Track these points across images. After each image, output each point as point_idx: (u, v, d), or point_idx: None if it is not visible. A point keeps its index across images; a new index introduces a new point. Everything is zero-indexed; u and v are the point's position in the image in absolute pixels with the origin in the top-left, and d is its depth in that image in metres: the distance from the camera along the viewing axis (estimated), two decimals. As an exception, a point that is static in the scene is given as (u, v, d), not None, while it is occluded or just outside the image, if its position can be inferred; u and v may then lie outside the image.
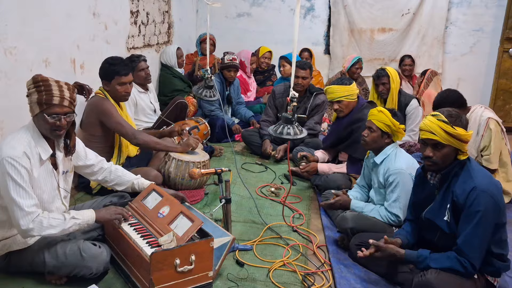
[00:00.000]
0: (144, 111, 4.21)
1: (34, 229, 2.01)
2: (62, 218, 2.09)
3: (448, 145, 2.09)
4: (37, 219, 2.02)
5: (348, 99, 3.42)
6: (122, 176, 2.59)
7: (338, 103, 3.44)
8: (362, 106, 3.47)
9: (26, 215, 2.00)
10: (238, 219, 3.03)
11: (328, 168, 3.59)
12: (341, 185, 3.30)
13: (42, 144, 2.13)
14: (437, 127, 2.08)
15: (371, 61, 6.70)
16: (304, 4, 6.68)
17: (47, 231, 2.04)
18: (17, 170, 1.98)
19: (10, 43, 2.76)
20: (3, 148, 2.02)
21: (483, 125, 3.39)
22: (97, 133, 3.14)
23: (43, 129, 2.12)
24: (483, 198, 2.01)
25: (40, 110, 2.06)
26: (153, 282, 1.99)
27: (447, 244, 2.15)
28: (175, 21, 5.81)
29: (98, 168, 2.51)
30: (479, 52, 6.45)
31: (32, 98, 2.07)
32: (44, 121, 2.08)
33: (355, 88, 3.45)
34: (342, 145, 3.55)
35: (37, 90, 2.06)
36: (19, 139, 2.07)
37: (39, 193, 2.12)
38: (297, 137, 2.45)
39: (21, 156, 2.01)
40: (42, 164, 2.14)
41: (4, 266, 2.21)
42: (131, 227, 2.31)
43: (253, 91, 5.90)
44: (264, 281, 2.37)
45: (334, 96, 3.42)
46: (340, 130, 3.53)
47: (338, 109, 3.46)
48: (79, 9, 3.51)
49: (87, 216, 2.18)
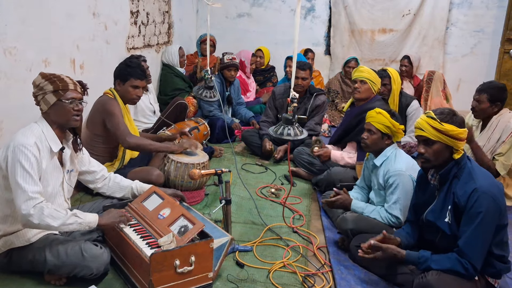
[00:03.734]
0: (143, 112, 4.21)
1: (34, 215, 2.01)
2: (64, 212, 2.10)
3: (438, 141, 2.12)
4: (38, 205, 2.02)
5: (371, 85, 3.46)
6: (120, 182, 2.62)
7: (361, 83, 3.46)
8: (376, 99, 3.52)
9: (29, 200, 2.01)
10: (238, 220, 3.02)
11: (341, 156, 3.55)
12: (343, 179, 3.29)
13: (53, 138, 2.21)
14: (425, 123, 2.16)
15: (372, 62, 6.69)
16: (305, 4, 6.68)
17: (46, 220, 2.03)
18: (27, 156, 2.05)
19: (9, 43, 2.76)
20: (16, 138, 2.10)
21: (507, 132, 3.32)
22: (100, 133, 3.15)
23: (61, 118, 2.20)
24: (485, 200, 2.01)
25: (58, 98, 2.16)
26: (153, 283, 1.99)
27: (448, 245, 2.14)
28: (175, 21, 5.81)
29: (99, 176, 2.56)
30: (480, 53, 6.45)
31: (46, 89, 2.16)
32: (63, 108, 2.18)
33: (379, 84, 3.54)
34: (350, 134, 3.55)
35: (50, 82, 2.17)
36: (31, 131, 2.15)
37: (45, 185, 2.16)
38: (298, 138, 2.44)
39: (32, 145, 2.08)
40: (52, 158, 2.20)
41: (5, 263, 2.21)
42: (130, 228, 2.30)
43: (252, 91, 5.90)
44: (264, 282, 2.37)
45: (362, 75, 3.46)
46: (350, 119, 3.54)
47: (357, 88, 3.48)
48: (79, 9, 3.51)
49: (89, 218, 2.17)
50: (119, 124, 3.06)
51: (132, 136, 3.10)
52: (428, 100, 4.92)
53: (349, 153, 3.55)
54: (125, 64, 3.20)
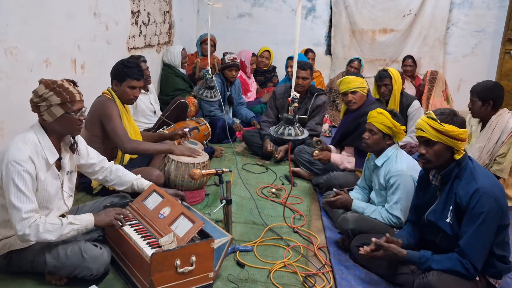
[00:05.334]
0: (144, 112, 4.21)
1: (31, 234, 2.01)
2: (59, 223, 2.08)
3: (439, 142, 2.12)
4: (33, 224, 2.01)
5: (362, 92, 3.45)
6: (122, 176, 2.59)
7: (352, 94, 3.44)
8: (371, 102, 3.49)
9: (23, 220, 2.00)
10: (238, 220, 3.02)
11: (340, 160, 3.54)
12: (343, 183, 3.29)
13: (49, 147, 2.15)
14: (426, 124, 2.16)
15: (372, 62, 6.70)
16: (305, 4, 6.68)
17: (43, 236, 2.03)
18: (20, 174, 1.99)
19: (10, 43, 2.76)
20: (10, 150, 2.03)
21: (507, 132, 3.32)
22: (98, 134, 3.13)
23: (66, 129, 2.16)
24: (487, 200, 2.01)
25: (65, 110, 2.10)
26: (154, 283, 1.99)
27: (449, 245, 2.14)
28: (176, 21, 5.82)
29: (99, 168, 2.52)
30: (481, 53, 6.45)
31: (52, 101, 2.07)
32: (70, 119, 2.12)
33: (365, 83, 3.51)
34: (348, 138, 3.54)
35: (55, 92, 2.08)
36: (26, 142, 2.07)
37: (44, 195, 2.14)
38: (298, 138, 2.44)
39: (26, 160, 2.02)
40: (49, 168, 2.15)
41: (5, 265, 2.21)
42: (131, 227, 2.30)
43: (253, 91, 5.90)
44: (264, 282, 2.37)
45: (350, 86, 3.43)
46: (347, 124, 3.52)
47: (351, 101, 3.45)
48: (79, 9, 3.51)
49: (85, 220, 2.16)
50: (116, 129, 3.04)
51: (130, 141, 3.08)
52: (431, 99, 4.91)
53: (348, 157, 3.56)
54: (122, 64, 3.15)
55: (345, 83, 3.47)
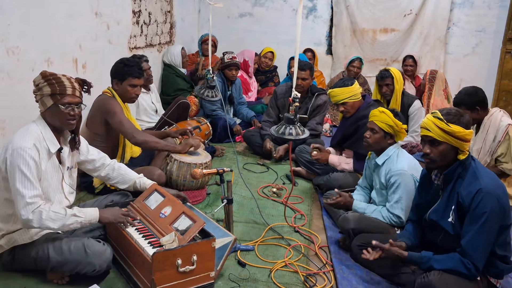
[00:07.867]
0: (146, 111, 4.22)
1: (34, 220, 2.03)
2: (63, 213, 2.10)
3: (444, 142, 2.11)
4: (37, 210, 2.04)
5: (352, 100, 3.41)
6: (124, 174, 2.61)
7: (343, 105, 3.43)
8: (368, 104, 3.46)
9: (27, 205, 2.03)
10: (239, 220, 3.03)
11: (338, 161, 3.54)
12: (342, 184, 3.29)
13: (51, 138, 2.19)
14: (432, 123, 2.13)
15: (373, 62, 6.70)
16: (306, 4, 6.68)
17: (46, 223, 2.05)
18: (25, 160, 2.04)
19: (12, 43, 2.77)
20: (15, 140, 2.09)
21: (501, 131, 3.32)
22: (101, 132, 3.14)
23: (56, 121, 2.18)
24: (489, 200, 2.00)
25: (54, 102, 2.13)
26: (155, 282, 1.99)
27: (450, 245, 2.14)
28: (177, 21, 5.82)
29: (100, 164, 2.54)
30: (482, 53, 6.44)
31: (44, 91, 2.13)
32: (58, 112, 2.15)
33: (357, 87, 3.42)
34: (347, 142, 3.53)
35: (48, 83, 2.13)
36: (30, 132, 2.13)
37: (46, 185, 2.17)
38: (299, 138, 2.44)
39: (31, 147, 2.07)
40: (49, 158, 2.19)
41: (9, 262, 2.22)
42: (133, 227, 2.30)
43: (254, 91, 5.90)
44: (265, 281, 2.37)
45: (338, 99, 3.42)
46: (346, 127, 3.52)
47: (344, 111, 3.46)
48: (81, 9, 3.51)
49: (90, 215, 2.17)
50: (122, 122, 3.06)
51: (139, 132, 3.11)
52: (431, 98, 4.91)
53: (346, 159, 3.56)
54: (122, 63, 3.16)
55: (332, 96, 3.45)
